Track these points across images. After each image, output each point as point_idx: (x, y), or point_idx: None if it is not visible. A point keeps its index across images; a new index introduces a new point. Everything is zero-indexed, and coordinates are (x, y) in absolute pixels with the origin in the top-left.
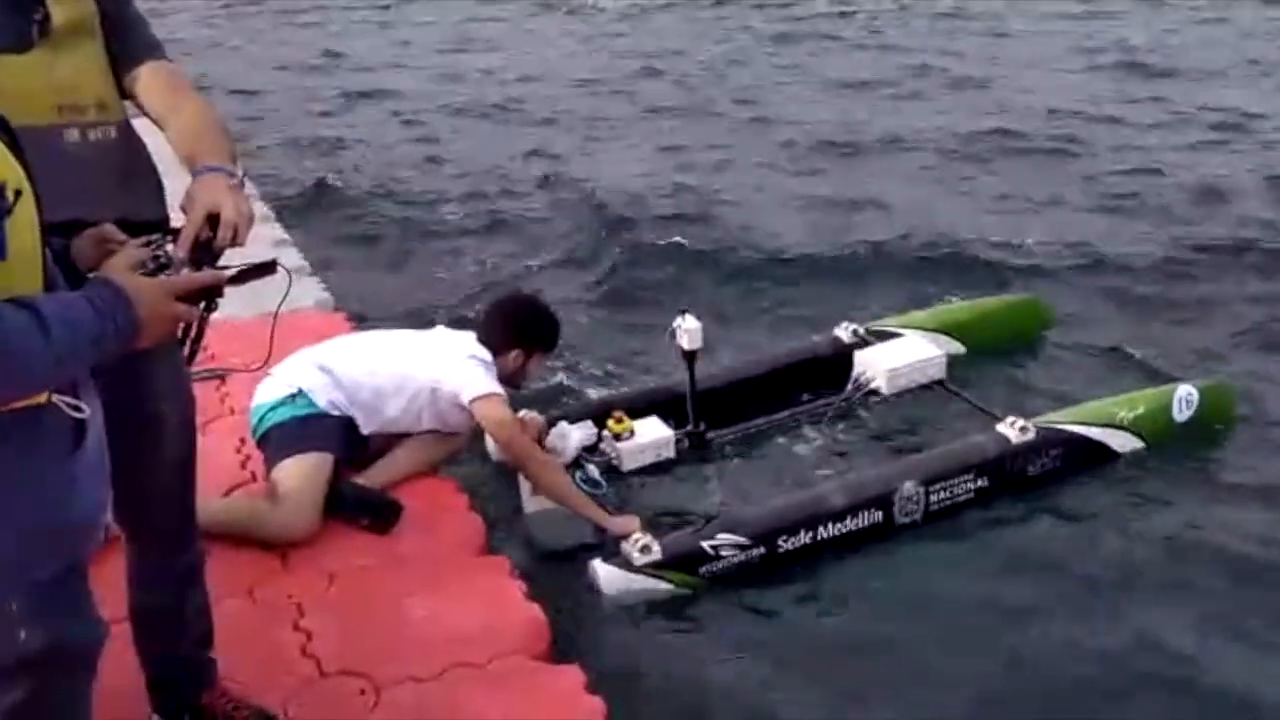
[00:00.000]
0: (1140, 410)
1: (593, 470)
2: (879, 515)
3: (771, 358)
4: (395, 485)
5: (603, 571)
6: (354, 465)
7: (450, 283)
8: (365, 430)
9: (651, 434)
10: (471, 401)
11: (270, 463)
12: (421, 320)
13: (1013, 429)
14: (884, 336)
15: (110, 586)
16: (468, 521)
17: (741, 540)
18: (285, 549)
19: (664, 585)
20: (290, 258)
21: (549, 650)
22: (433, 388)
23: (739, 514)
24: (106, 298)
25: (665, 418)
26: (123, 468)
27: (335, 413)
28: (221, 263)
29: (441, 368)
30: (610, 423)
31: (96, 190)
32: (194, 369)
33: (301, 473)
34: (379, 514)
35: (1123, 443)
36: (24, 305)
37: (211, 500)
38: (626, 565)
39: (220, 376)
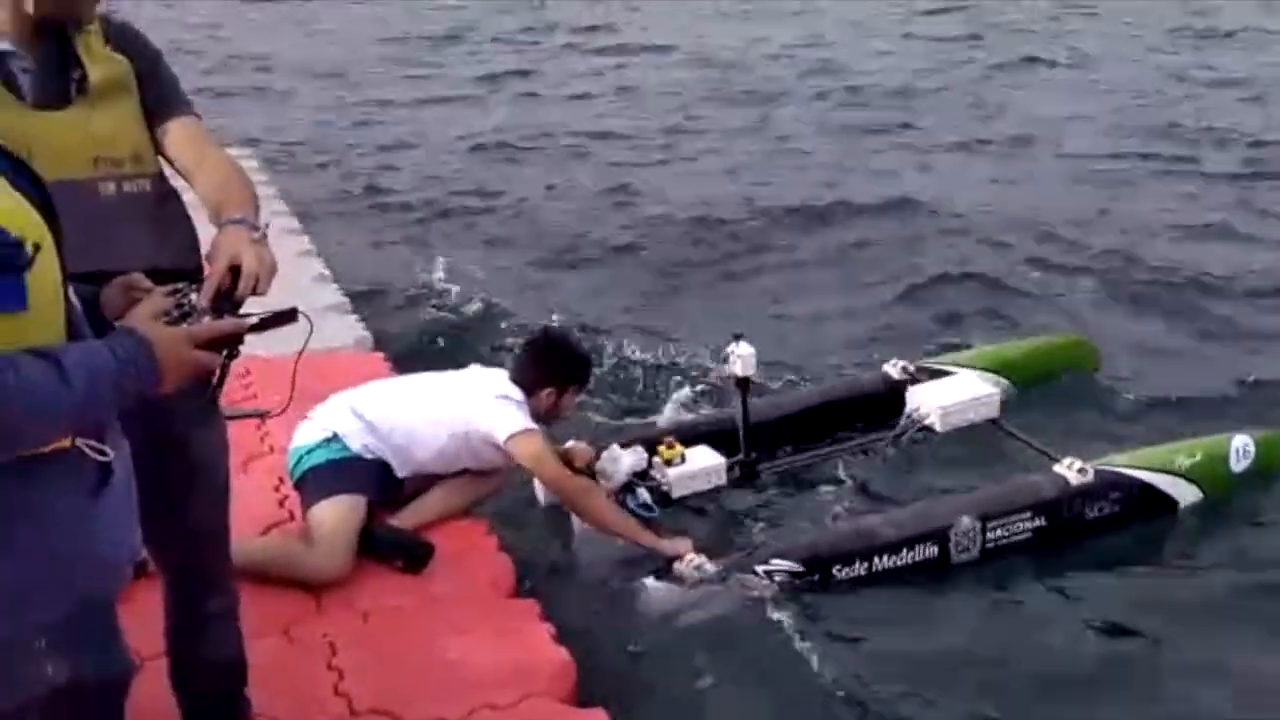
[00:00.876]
0: (1198, 458)
1: (644, 494)
2: (934, 550)
3: (820, 392)
4: (428, 526)
5: (654, 590)
6: (389, 506)
7: (494, 317)
8: (400, 474)
9: (702, 461)
10: (507, 441)
11: (306, 505)
12: (463, 357)
13: (1071, 470)
14: (933, 374)
15: (147, 620)
16: (498, 563)
17: (795, 567)
18: (320, 589)
19: (714, 606)
20: (328, 295)
21: (576, 692)
22: (465, 431)
23: (794, 541)
24: (129, 346)
25: (716, 447)
26: (156, 507)
27: (369, 456)
28: (244, 310)
29: (473, 409)
30: (661, 449)
31: (130, 241)
32: (232, 408)
33: (335, 515)
34: (411, 555)
35: (1181, 490)
36: (45, 355)
37: (248, 540)
38: (679, 584)
39: (261, 416)
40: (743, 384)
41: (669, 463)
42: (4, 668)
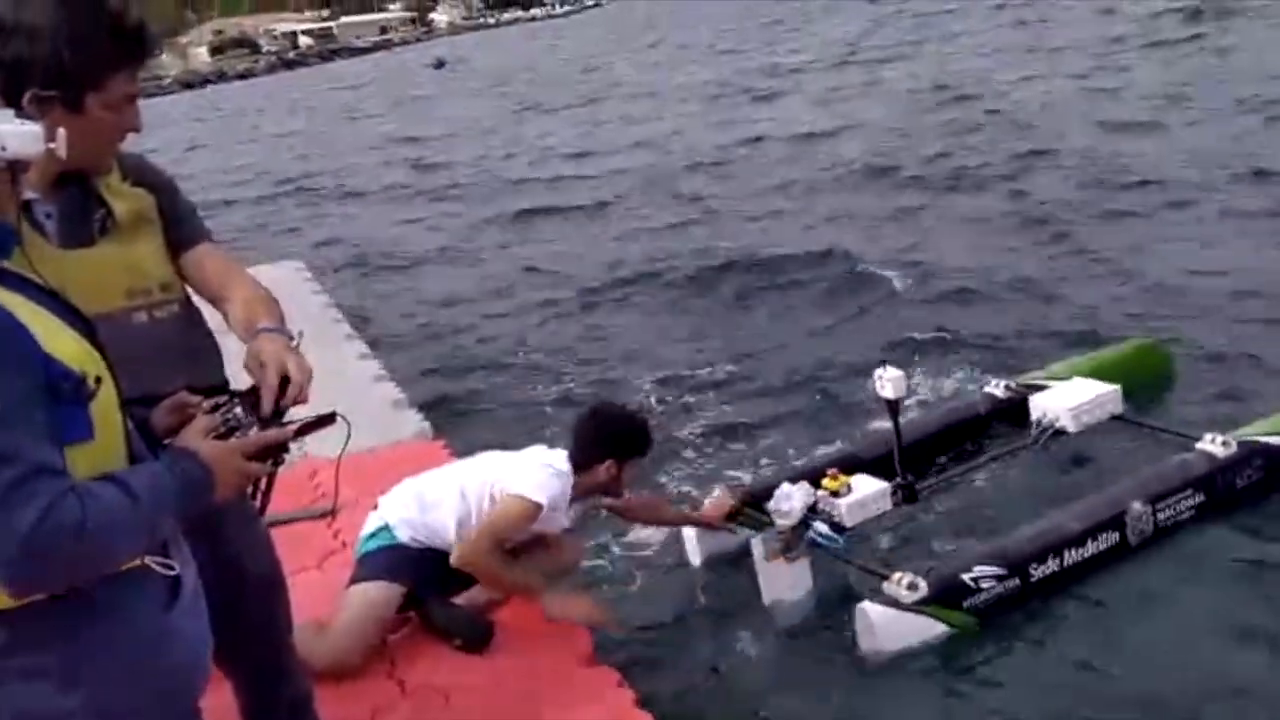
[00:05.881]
0: None
1: (823, 527)
2: (1115, 537)
3: (943, 414)
4: (499, 604)
5: (874, 613)
6: (450, 590)
7: (554, 403)
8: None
9: (868, 488)
10: (508, 493)
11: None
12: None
13: (1215, 445)
14: (1034, 388)
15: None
16: (573, 632)
17: (998, 571)
18: (403, 673)
19: (936, 626)
20: (387, 391)
21: None
22: (491, 492)
23: (991, 546)
24: (188, 466)
25: (871, 473)
26: (212, 614)
27: (416, 546)
28: (286, 418)
29: (511, 471)
30: (825, 481)
31: (165, 364)
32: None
33: (357, 603)
34: (469, 635)
35: None
36: (114, 480)
37: None
38: (895, 604)
39: (329, 514)
40: (893, 407)
41: (836, 494)
42: None
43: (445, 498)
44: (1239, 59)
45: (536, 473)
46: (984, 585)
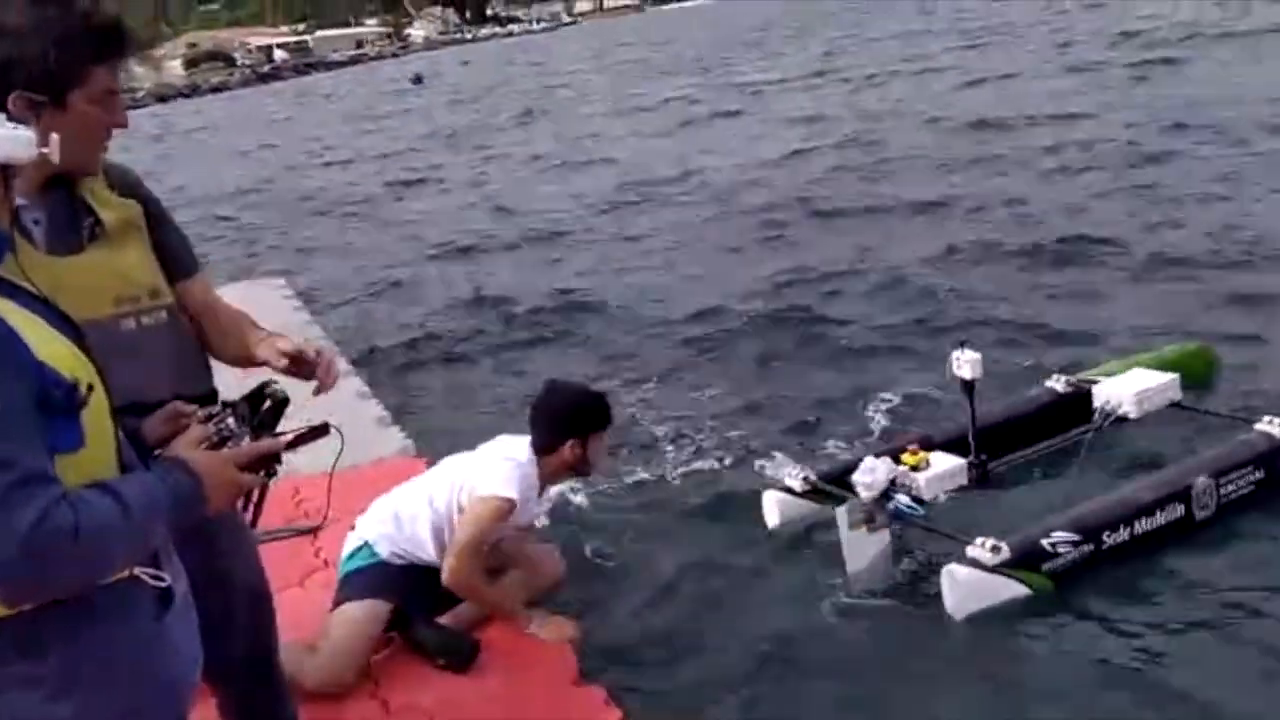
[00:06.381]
0: None
1: (903, 499)
2: (1181, 509)
3: (1007, 405)
4: (485, 622)
5: (961, 574)
6: (437, 603)
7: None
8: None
9: (946, 464)
10: (476, 497)
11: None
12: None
13: (1275, 426)
14: (1094, 383)
15: None
16: (558, 651)
17: (1074, 537)
18: (386, 693)
19: (1016, 587)
20: (370, 409)
21: None
22: (462, 497)
23: (1069, 514)
24: (179, 477)
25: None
26: (202, 628)
27: (398, 562)
28: (278, 429)
29: (475, 473)
30: (905, 457)
31: (153, 372)
32: (278, 528)
33: (345, 622)
34: (453, 654)
35: None
36: (105, 489)
37: None
38: (979, 565)
39: (313, 531)
40: (969, 387)
41: (915, 468)
42: None
43: (418, 511)
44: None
45: (501, 468)
46: (1061, 550)
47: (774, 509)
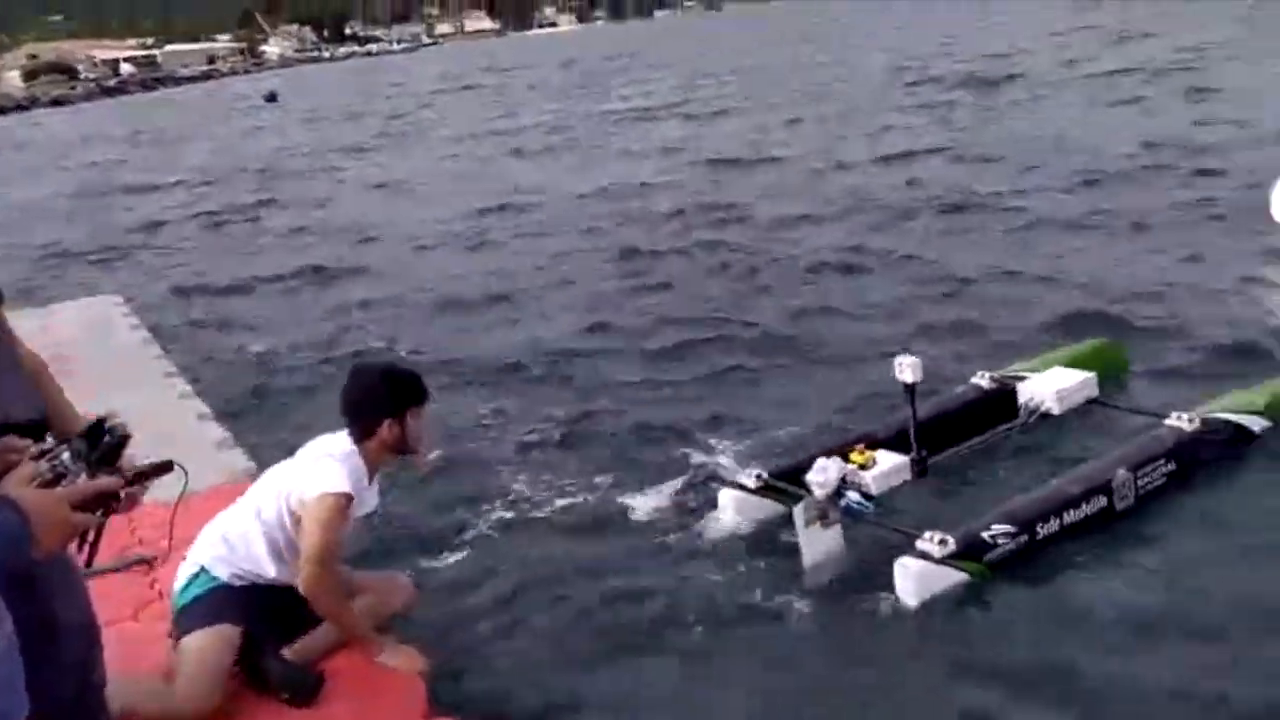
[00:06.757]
0: (1268, 398)
1: (855, 495)
2: (1104, 501)
3: (938, 402)
4: (331, 653)
5: (913, 566)
6: (290, 631)
7: None
8: (293, 579)
9: (890, 462)
10: (313, 498)
11: (177, 644)
12: None
13: (1183, 421)
14: (1018, 380)
15: None
16: (408, 681)
17: (1011, 529)
18: None
19: (960, 575)
20: (212, 432)
21: None
22: (289, 508)
23: (1005, 508)
24: (6, 515)
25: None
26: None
27: (239, 583)
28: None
29: (298, 481)
30: (853, 455)
31: None
32: (117, 559)
33: (198, 648)
34: (296, 688)
35: (1260, 425)
36: None
37: (116, 681)
38: (927, 558)
39: (148, 562)
40: (911, 390)
41: (863, 466)
42: None
43: (247, 528)
44: None
45: (325, 466)
46: (1000, 541)
47: (730, 506)
